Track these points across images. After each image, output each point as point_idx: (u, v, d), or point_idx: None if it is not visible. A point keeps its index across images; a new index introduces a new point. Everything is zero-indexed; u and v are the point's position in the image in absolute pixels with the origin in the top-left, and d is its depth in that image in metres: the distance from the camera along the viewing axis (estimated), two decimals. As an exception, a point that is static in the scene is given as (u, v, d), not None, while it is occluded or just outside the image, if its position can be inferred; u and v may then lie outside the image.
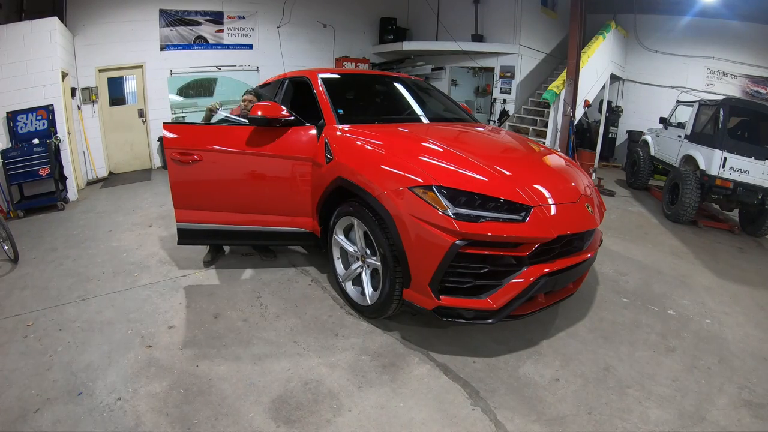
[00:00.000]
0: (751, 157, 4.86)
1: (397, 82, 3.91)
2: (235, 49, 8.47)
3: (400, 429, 1.91)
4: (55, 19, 5.78)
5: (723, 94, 7.53)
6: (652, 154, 6.97)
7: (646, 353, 2.54)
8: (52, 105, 5.65)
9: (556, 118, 7.21)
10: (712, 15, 7.91)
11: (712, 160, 5.05)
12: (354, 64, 9.66)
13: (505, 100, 9.14)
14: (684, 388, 2.25)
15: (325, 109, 3.07)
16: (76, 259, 3.74)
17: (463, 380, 2.23)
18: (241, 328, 2.66)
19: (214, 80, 8.19)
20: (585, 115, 9.06)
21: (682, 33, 8.54)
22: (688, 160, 5.67)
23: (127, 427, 1.89)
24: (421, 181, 2.22)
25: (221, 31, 8.27)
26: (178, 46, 7.87)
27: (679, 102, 6.98)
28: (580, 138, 8.63)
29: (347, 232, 2.85)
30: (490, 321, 2.23)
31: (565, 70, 6.90)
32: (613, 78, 9.07)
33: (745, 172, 4.86)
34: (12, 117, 5.40)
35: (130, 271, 3.47)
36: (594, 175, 7.13)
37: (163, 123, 3.10)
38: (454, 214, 2.11)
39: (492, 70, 9.32)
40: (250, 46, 8.62)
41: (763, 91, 8.03)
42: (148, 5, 7.44)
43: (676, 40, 8.63)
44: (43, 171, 5.26)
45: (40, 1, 6.24)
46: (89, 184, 7.02)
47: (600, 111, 8.96)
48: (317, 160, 2.94)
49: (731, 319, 3.02)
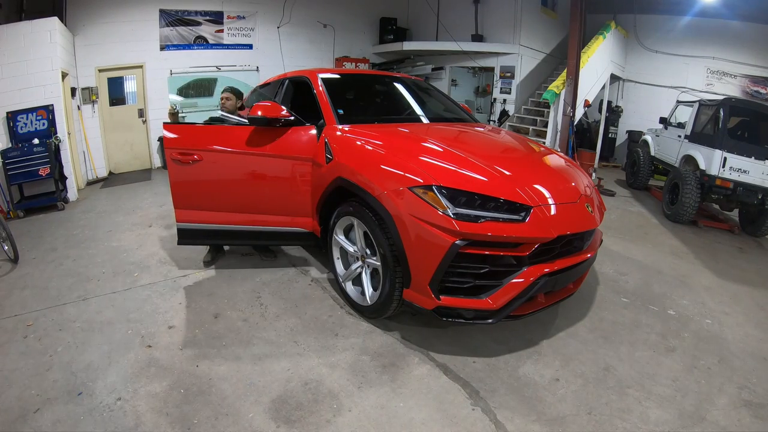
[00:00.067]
0: (751, 157, 4.86)
1: (397, 82, 3.91)
2: (235, 49, 8.46)
3: (400, 429, 1.91)
4: (55, 19, 5.78)
5: (723, 94, 7.53)
6: (652, 154, 6.97)
7: (646, 353, 2.54)
8: (52, 105, 5.65)
9: (556, 118, 7.21)
10: (712, 15, 7.91)
11: (712, 160, 5.05)
12: (354, 64, 9.66)
13: (505, 100, 9.14)
14: (684, 388, 2.25)
15: (325, 109, 3.08)
16: (76, 259, 3.74)
17: (463, 380, 2.23)
18: (241, 328, 2.66)
19: (214, 80, 8.18)
20: (585, 115, 9.06)
21: (682, 33, 8.54)
22: (688, 160, 5.67)
23: (127, 427, 1.89)
24: (421, 181, 2.22)
25: (221, 31, 8.26)
26: (178, 46, 7.87)
27: (679, 102, 6.98)
28: (580, 138, 8.63)
29: (347, 232, 2.85)
30: (490, 321, 2.23)
31: (565, 70, 6.90)
32: (613, 78, 9.06)
33: (745, 172, 4.86)
34: (12, 117, 5.40)
35: (130, 271, 3.47)
36: (594, 175, 7.13)
37: (163, 123, 3.09)
38: (454, 214, 2.11)
39: (492, 70, 9.32)
40: (250, 46, 8.62)
41: (763, 91, 8.03)
42: (148, 5, 7.44)
43: (676, 40, 8.63)
44: (43, 171, 5.26)
45: (40, 1, 6.24)
46: (89, 184, 7.02)
47: (600, 111, 8.96)
48: (317, 160, 2.94)
49: (731, 319, 3.02)
